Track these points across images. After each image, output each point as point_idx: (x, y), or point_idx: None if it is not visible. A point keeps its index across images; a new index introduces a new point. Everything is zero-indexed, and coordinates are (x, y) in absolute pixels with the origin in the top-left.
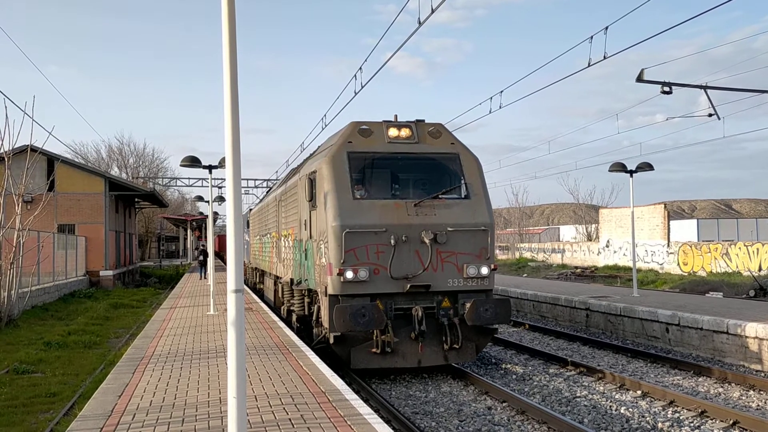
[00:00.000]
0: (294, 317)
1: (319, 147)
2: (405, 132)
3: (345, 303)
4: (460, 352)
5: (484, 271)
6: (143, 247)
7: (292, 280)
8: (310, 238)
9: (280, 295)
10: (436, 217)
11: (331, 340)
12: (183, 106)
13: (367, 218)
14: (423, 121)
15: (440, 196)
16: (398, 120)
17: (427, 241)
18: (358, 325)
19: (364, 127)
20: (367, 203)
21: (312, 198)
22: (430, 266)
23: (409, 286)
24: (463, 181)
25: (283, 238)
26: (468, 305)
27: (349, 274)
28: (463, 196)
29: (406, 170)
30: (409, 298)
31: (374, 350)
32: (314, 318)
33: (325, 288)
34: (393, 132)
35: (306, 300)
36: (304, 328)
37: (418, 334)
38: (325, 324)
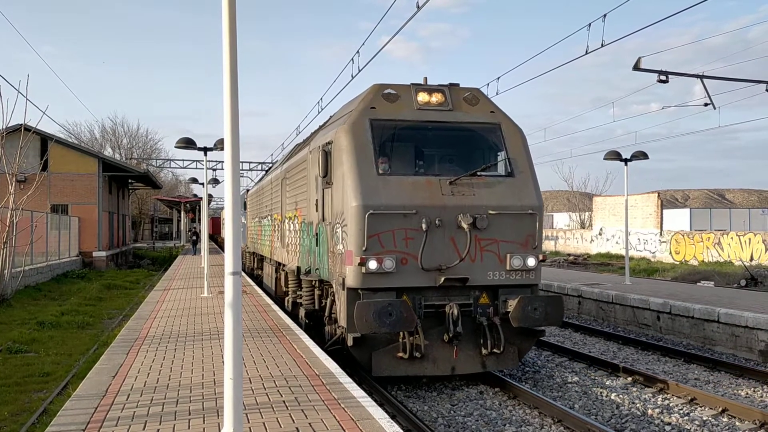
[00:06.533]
0: (302, 312)
1: (331, 117)
2: (437, 97)
3: (367, 298)
4: (501, 358)
5: (531, 262)
6: (136, 228)
7: (298, 268)
8: (323, 220)
9: (282, 284)
10: (475, 198)
11: (350, 342)
12: (178, 88)
13: (395, 198)
14: (457, 85)
15: (479, 173)
16: (428, 83)
17: (465, 226)
18: (383, 326)
19: (389, 90)
20: (393, 180)
21: (326, 173)
22: (467, 256)
23: (443, 279)
24: (505, 156)
25: (287, 221)
26: (512, 302)
27: (373, 264)
28: (506, 174)
29: (438, 142)
30: (441, 293)
31: (401, 355)
32: (326, 314)
33: (343, 280)
34: (423, 97)
35: (317, 292)
36: (314, 325)
37: (453, 336)
38: (342, 322)
